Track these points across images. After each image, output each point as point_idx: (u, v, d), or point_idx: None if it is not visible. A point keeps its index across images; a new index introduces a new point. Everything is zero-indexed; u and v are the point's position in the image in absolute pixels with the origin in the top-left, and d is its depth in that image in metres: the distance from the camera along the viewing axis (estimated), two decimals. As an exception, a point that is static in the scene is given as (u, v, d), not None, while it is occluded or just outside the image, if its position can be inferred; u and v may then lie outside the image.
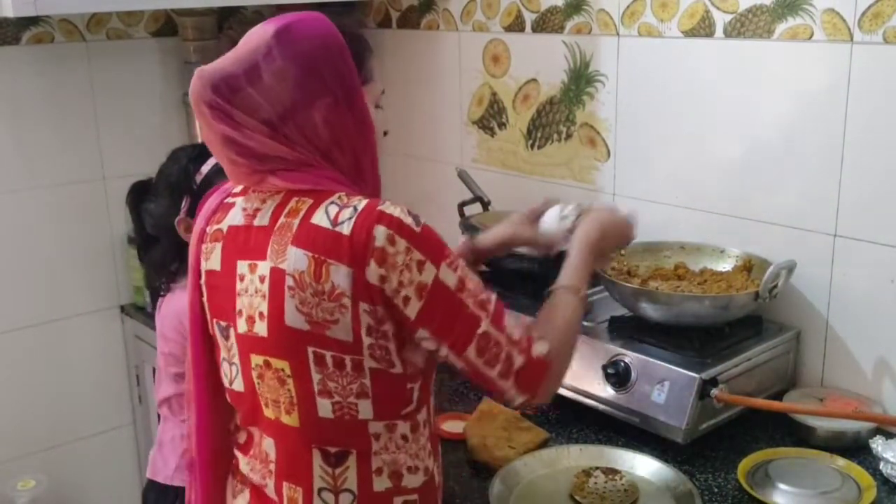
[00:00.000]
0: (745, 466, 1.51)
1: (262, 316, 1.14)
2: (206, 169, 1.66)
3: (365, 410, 1.15)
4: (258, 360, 1.17)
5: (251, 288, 1.15)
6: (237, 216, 1.20)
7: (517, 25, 2.23)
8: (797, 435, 1.62)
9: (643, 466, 1.52)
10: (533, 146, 2.27)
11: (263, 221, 1.16)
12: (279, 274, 1.11)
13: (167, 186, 1.68)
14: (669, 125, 1.95)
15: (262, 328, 1.14)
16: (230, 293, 1.19)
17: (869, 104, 1.62)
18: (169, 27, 2.46)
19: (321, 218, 1.11)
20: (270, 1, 2.28)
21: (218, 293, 1.22)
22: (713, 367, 1.58)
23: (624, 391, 1.62)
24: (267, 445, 1.21)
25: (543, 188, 2.25)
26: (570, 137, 2.18)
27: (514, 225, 1.53)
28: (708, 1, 1.83)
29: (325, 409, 1.14)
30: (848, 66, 1.63)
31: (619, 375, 1.63)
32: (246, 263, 1.16)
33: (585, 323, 1.65)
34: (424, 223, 1.12)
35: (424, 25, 2.48)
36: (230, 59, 1.15)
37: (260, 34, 1.15)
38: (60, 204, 2.37)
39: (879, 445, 1.52)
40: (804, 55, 1.70)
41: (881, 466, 1.50)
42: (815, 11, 1.66)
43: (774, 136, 1.77)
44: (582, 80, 2.12)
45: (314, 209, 1.12)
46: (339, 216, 1.10)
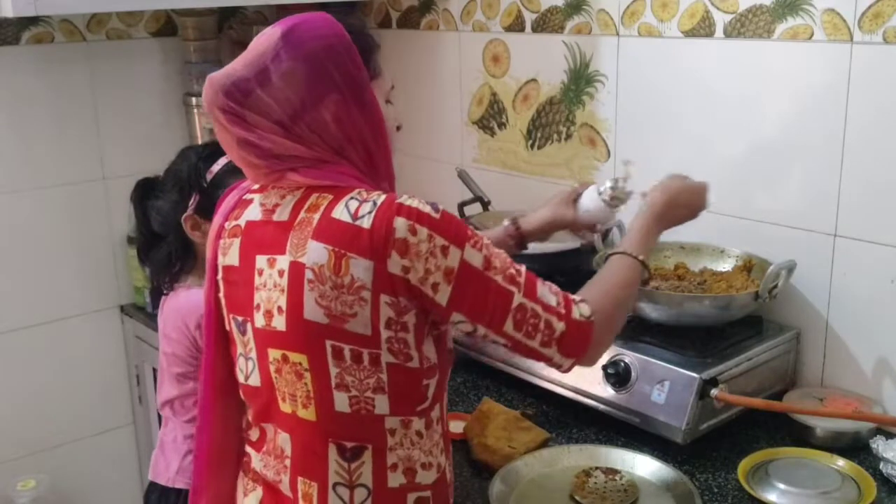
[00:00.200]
0: (745, 466, 1.51)
1: (280, 310, 1.15)
2: (216, 168, 1.66)
3: (381, 405, 1.16)
4: (276, 353, 1.18)
5: (269, 282, 1.16)
6: (256, 212, 1.21)
7: (517, 25, 2.23)
8: (797, 435, 1.62)
9: (643, 466, 1.52)
10: (533, 146, 2.27)
11: (283, 216, 1.17)
12: (298, 268, 1.12)
13: (176, 183, 1.68)
14: (669, 125, 1.95)
15: (280, 322, 1.15)
16: (248, 288, 1.20)
17: (869, 104, 1.62)
18: (169, 27, 2.46)
19: (342, 212, 1.12)
20: (270, 1, 2.27)
21: (235, 288, 1.23)
22: (713, 367, 1.59)
23: (624, 391, 1.62)
24: (282, 441, 1.21)
25: (543, 188, 2.25)
26: (570, 137, 2.18)
27: (554, 207, 1.56)
28: (708, 1, 1.83)
29: (341, 403, 1.15)
30: (848, 66, 1.63)
31: (619, 375, 1.63)
32: (265, 258, 1.17)
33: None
34: (443, 209, 1.14)
35: (424, 25, 2.48)
36: (240, 63, 1.17)
37: (268, 37, 1.17)
38: (60, 204, 2.37)
39: (879, 445, 1.52)
40: (804, 55, 1.70)
41: (881, 466, 1.50)
42: (815, 11, 1.66)
43: (774, 135, 1.77)
44: (582, 80, 2.12)
45: (334, 204, 1.13)
46: (359, 210, 1.11)
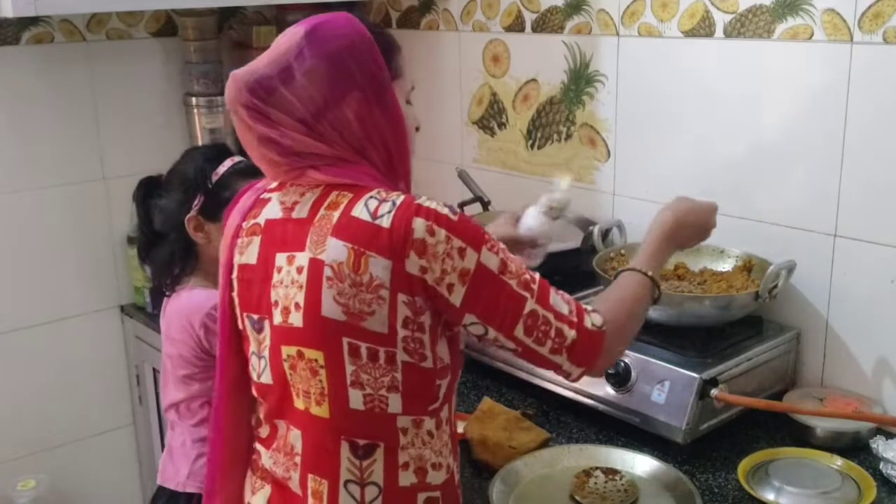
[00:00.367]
0: (745, 466, 1.51)
1: (297, 306, 1.15)
2: (222, 169, 1.66)
3: (394, 404, 1.16)
4: (290, 350, 1.18)
5: (287, 279, 1.17)
6: (275, 210, 1.22)
7: (517, 25, 2.23)
8: (797, 435, 1.62)
9: (643, 466, 1.52)
10: (533, 146, 2.27)
11: (302, 214, 1.18)
12: (318, 264, 1.13)
13: (181, 183, 1.68)
14: (669, 125, 1.95)
15: (297, 318, 1.16)
16: (265, 285, 1.20)
17: (869, 104, 1.62)
18: (169, 27, 2.46)
19: (361, 211, 1.13)
20: (271, 1, 2.27)
21: (251, 287, 1.23)
22: (713, 367, 1.59)
23: (624, 391, 1.62)
24: (293, 437, 1.22)
25: (543, 188, 2.24)
26: (570, 137, 2.18)
27: (495, 227, 1.60)
28: (708, 1, 1.83)
29: (356, 400, 1.16)
30: (848, 66, 1.63)
31: (619, 375, 1.63)
32: (284, 255, 1.18)
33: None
34: (461, 212, 1.15)
35: (424, 25, 2.48)
36: (263, 61, 1.18)
37: (291, 36, 1.18)
38: (60, 204, 2.36)
39: (879, 445, 1.52)
40: (804, 55, 1.70)
41: (881, 466, 1.50)
42: (815, 11, 1.66)
43: (774, 135, 1.77)
44: (582, 80, 2.12)
45: (354, 202, 1.14)
46: (378, 210, 1.12)
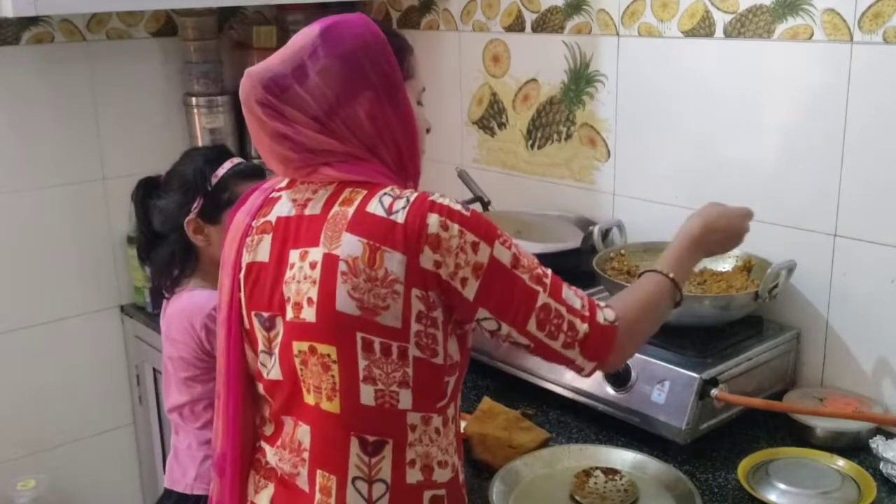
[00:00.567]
0: (745, 466, 1.51)
1: (310, 301, 1.16)
2: (222, 171, 1.66)
3: (405, 400, 1.17)
4: (302, 346, 1.18)
5: (299, 275, 1.17)
6: (286, 207, 1.23)
7: (517, 25, 2.23)
8: (797, 435, 1.62)
9: (643, 466, 1.52)
10: (533, 146, 2.27)
11: (315, 210, 1.19)
12: (332, 260, 1.14)
13: (181, 184, 1.67)
14: (669, 125, 1.95)
15: (309, 314, 1.16)
16: (277, 283, 1.21)
17: (869, 104, 1.62)
18: (169, 27, 2.46)
19: (376, 207, 1.14)
20: (271, 1, 2.27)
21: (261, 284, 1.23)
22: (713, 367, 1.59)
23: (624, 391, 1.62)
24: (301, 433, 1.22)
25: (543, 188, 2.25)
26: (570, 137, 2.18)
27: None
28: (708, 1, 1.83)
29: (367, 395, 1.16)
30: (848, 66, 1.63)
31: (619, 375, 1.62)
32: (297, 252, 1.18)
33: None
34: (473, 209, 1.16)
35: (424, 25, 2.48)
36: (277, 59, 1.20)
37: (306, 34, 1.20)
38: (60, 204, 2.36)
39: (879, 445, 1.52)
40: (804, 55, 1.70)
41: (881, 466, 1.51)
42: (815, 11, 1.66)
43: (774, 136, 1.77)
44: (582, 80, 2.12)
45: (369, 199, 1.15)
46: (393, 206, 1.13)
